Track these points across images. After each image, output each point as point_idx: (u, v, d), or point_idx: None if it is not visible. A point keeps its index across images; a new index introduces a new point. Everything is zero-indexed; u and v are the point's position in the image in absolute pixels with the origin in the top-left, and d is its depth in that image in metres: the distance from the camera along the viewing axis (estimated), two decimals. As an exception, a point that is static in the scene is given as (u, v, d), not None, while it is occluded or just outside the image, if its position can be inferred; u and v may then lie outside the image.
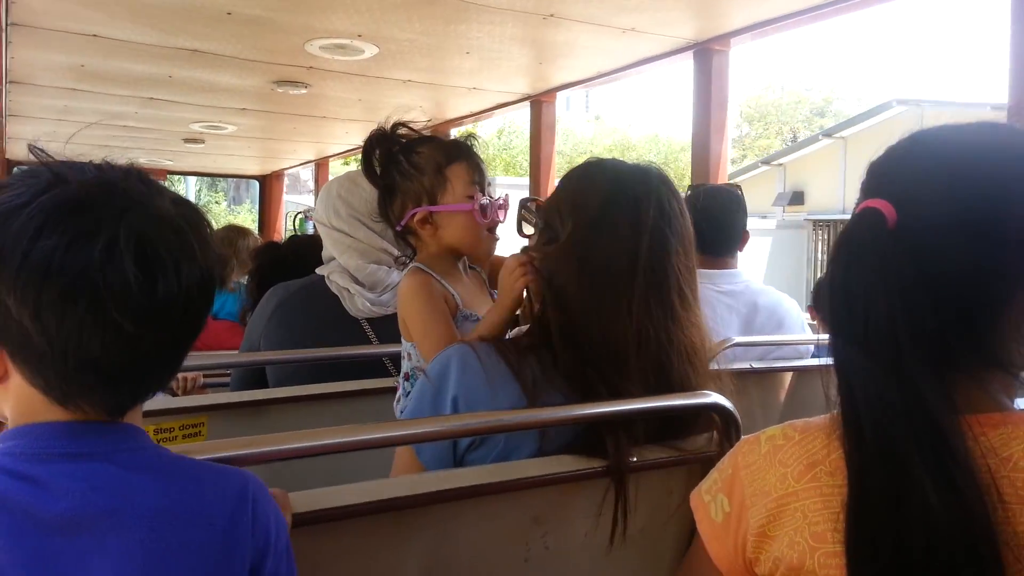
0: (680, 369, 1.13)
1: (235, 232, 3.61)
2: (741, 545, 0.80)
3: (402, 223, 1.40)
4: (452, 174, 1.37)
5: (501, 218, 1.43)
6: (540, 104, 4.00)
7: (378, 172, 1.42)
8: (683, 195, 1.22)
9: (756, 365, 2.00)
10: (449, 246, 1.39)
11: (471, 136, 1.44)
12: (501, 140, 23.72)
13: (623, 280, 1.10)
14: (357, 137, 5.64)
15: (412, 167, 1.37)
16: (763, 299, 2.13)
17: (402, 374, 1.45)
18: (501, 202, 1.41)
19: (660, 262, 1.12)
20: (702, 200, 2.05)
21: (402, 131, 1.42)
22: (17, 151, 6.16)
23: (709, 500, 0.85)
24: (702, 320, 1.18)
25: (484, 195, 1.38)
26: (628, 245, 1.11)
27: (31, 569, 0.63)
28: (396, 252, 1.60)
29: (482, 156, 1.44)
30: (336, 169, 7.76)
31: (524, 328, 1.24)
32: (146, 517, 0.68)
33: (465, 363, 1.12)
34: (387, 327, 1.76)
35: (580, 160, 1.27)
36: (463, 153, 1.40)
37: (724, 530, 0.83)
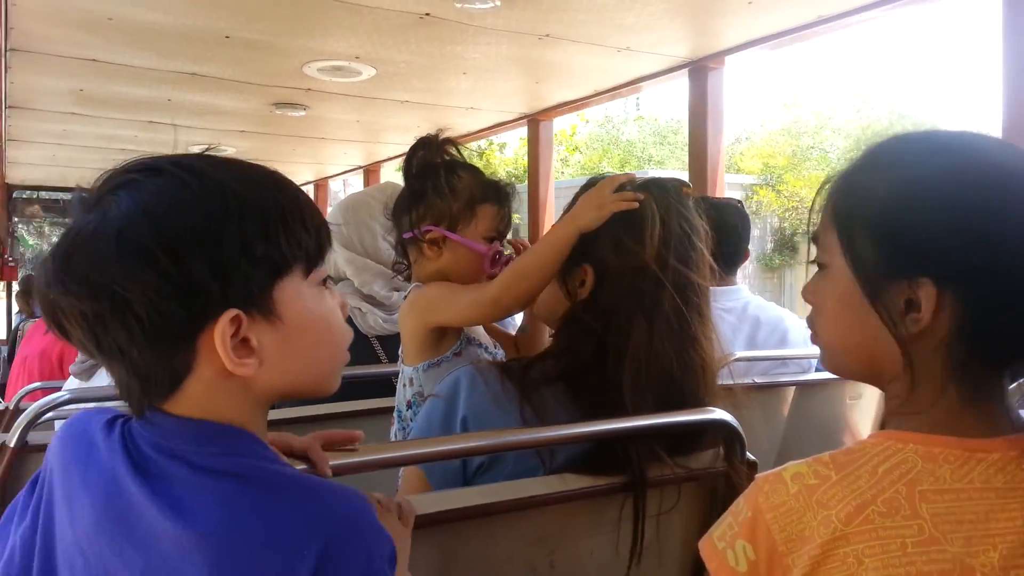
0: (694, 391, 1.15)
1: None
2: None
3: (413, 232, 1.39)
4: (482, 211, 1.36)
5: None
6: (538, 123, 4.03)
7: (414, 174, 1.41)
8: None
9: (759, 380, 1.99)
10: (445, 274, 1.37)
11: (512, 186, 1.44)
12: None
13: (652, 302, 1.12)
14: (356, 157, 5.66)
15: (448, 187, 1.36)
16: (765, 315, 2.13)
17: (401, 401, 1.41)
18: (508, 258, 1.38)
19: (683, 282, 1.14)
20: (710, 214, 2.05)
21: (449, 149, 1.40)
22: (17, 175, 6.18)
23: (724, 547, 0.79)
24: (715, 336, 1.18)
25: (501, 245, 1.38)
26: (656, 264, 1.12)
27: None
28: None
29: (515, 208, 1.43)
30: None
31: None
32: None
33: (474, 382, 1.12)
34: (397, 346, 1.76)
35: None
36: (500, 197, 1.39)
37: None
